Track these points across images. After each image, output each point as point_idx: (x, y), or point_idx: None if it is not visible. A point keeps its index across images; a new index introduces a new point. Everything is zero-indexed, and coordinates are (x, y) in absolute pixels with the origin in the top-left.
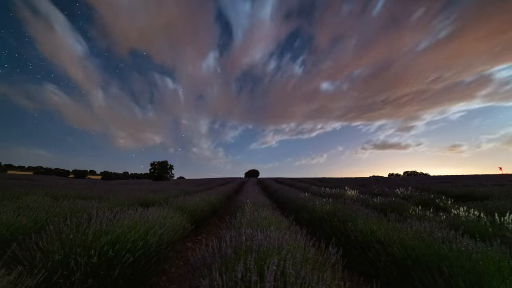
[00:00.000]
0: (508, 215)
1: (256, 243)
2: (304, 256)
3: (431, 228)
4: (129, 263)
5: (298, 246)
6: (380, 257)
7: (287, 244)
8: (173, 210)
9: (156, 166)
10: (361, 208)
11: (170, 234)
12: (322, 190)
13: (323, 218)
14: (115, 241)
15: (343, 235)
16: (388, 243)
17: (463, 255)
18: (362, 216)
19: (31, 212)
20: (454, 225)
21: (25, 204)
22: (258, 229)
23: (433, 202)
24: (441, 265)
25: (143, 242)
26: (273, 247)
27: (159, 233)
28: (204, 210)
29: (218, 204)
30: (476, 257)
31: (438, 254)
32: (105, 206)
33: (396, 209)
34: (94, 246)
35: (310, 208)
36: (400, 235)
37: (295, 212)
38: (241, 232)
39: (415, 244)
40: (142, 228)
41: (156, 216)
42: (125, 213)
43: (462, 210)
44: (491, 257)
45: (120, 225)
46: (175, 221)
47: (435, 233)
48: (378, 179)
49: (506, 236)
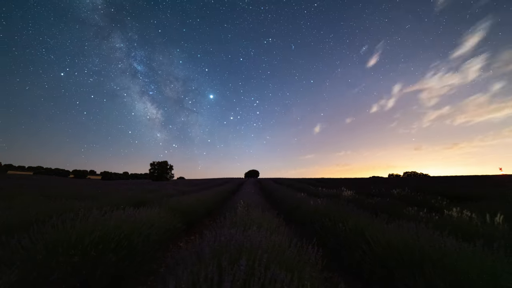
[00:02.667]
0: (499, 216)
1: (233, 243)
2: (281, 256)
3: (417, 228)
4: (112, 262)
5: (279, 246)
6: (366, 257)
7: (266, 245)
8: (164, 210)
9: (156, 166)
10: (354, 208)
11: (159, 234)
12: (319, 191)
13: (315, 218)
14: (99, 241)
15: (334, 235)
16: (374, 244)
17: (444, 255)
18: (353, 217)
19: (19, 212)
20: (443, 225)
21: (16, 204)
22: (238, 230)
23: (429, 202)
24: (423, 265)
25: (128, 242)
26: (251, 247)
27: (145, 233)
28: (197, 210)
29: (213, 204)
30: (457, 257)
31: (422, 254)
32: (93, 206)
33: (388, 209)
34: (77, 246)
35: (303, 208)
36: (385, 236)
37: (288, 212)
38: (223, 232)
39: (400, 244)
40: (127, 228)
41: (144, 216)
42: (113, 213)
43: (455, 211)
44: (470, 256)
45: (105, 225)
46: (165, 221)
47: (422, 234)
48: (377, 179)
49: (495, 236)
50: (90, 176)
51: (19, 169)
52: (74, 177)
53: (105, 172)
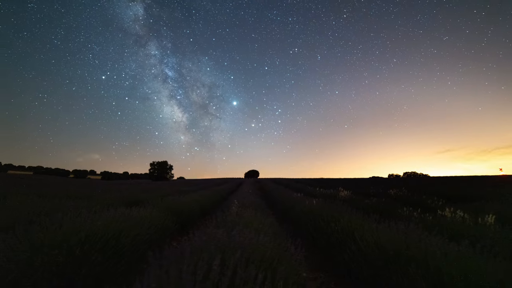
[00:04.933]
0: (491, 216)
1: (214, 243)
2: (262, 256)
3: (407, 229)
4: (98, 262)
5: (264, 247)
6: (354, 257)
7: (250, 245)
8: (157, 210)
9: (156, 166)
10: (348, 209)
11: (150, 233)
12: (317, 191)
13: (308, 219)
14: (85, 240)
15: (325, 235)
16: (362, 243)
17: (428, 256)
18: (346, 217)
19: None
20: (434, 225)
21: (10, 203)
22: (223, 230)
23: (424, 203)
24: (408, 265)
25: (115, 242)
26: (234, 247)
27: (134, 233)
28: (192, 210)
29: (209, 204)
30: (440, 257)
31: (407, 254)
32: (84, 206)
33: (383, 210)
34: (63, 246)
35: (297, 208)
36: (373, 236)
37: (284, 212)
38: (208, 232)
39: (387, 244)
40: (115, 228)
41: (135, 216)
42: (103, 213)
43: (448, 211)
44: (455, 257)
45: (92, 225)
46: (157, 221)
47: (410, 234)
48: (377, 179)
49: (483, 236)
50: (90, 176)
51: (19, 169)
52: (74, 177)
53: (105, 172)
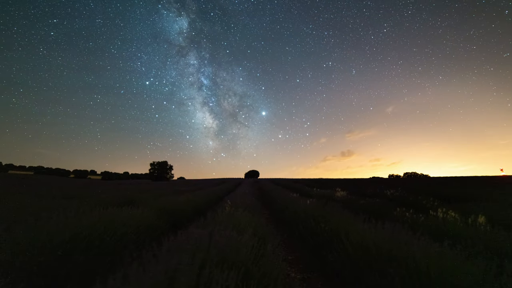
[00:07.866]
0: (480, 217)
1: (191, 243)
2: (236, 257)
3: (394, 229)
4: (80, 262)
5: (245, 246)
6: (340, 257)
7: (229, 245)
8: (149, 209)
9: (156, 166)
10: (340, 209)
11: (138, 233)
12: (314, 191)
13: (300, 219)
14: (68, 240)
15: (315, 235)
16: (349, 244)
17: (408, 256)
18: (336, 217)
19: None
20: (424, 225)
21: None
22: (206, 230)
23: (420, 203)
24: (388, 265)
25: (99, 242)
26: (215, 247)
27: (120, 233)
28: (185, 210)
29: (204, 204)
30: (420, 257)
31: (389, 254)
32: (74, 205)
33: (375, 210)
34: (45, 246)
35: (291, 209)
36: (359, 237)
37: (278, 212)
38: (192, 231)
39: (370, 245)
40: (101, 227)
41: (125, 216)
42: (91, 212)
43: (440, 211)
44: (435, 257)
45: (77, 225)
46: (147, 221)
47: (397, 235)
48: (377, 180)
49: (473, 237)
50: (90, 176)
51: (20, 169)
52: (75, 177)
53: (105, 172)
